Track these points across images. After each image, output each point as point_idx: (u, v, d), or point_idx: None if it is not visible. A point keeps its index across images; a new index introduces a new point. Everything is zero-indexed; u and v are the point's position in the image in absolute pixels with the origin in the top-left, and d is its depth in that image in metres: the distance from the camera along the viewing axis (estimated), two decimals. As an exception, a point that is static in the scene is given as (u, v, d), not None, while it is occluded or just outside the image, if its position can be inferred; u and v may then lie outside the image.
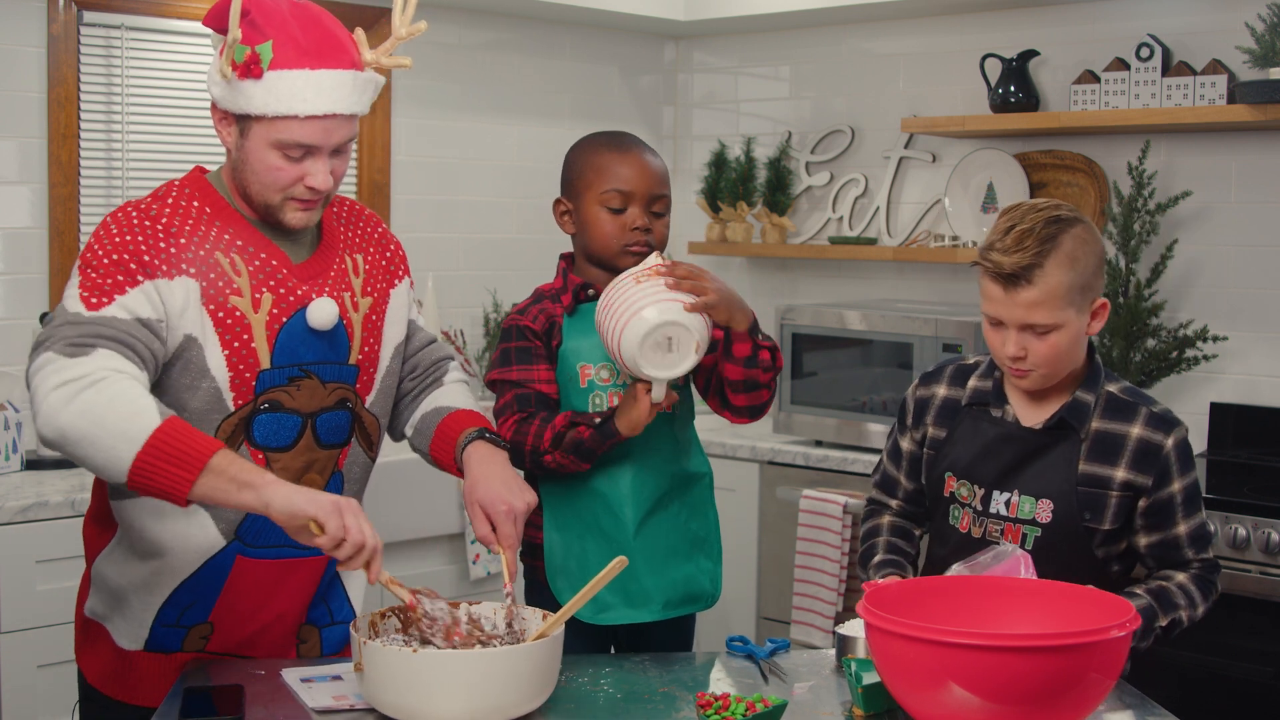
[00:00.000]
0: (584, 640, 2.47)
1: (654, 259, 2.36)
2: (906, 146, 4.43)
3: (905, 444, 2.39)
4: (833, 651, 2.22)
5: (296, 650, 2.26)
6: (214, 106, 2.09)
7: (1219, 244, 3.86)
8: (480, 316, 4.48)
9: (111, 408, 1.85)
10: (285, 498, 1.86)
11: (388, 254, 2.29)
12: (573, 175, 2.52)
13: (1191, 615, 2.21)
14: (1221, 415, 3.81)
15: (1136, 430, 2.21)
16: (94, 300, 1.94)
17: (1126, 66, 3.84)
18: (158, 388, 2.04)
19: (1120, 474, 2.20)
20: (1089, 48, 4.03)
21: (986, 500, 2.24)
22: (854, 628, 2.12)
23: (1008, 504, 2.22)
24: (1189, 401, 3.90)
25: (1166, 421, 2.23)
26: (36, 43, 3.59)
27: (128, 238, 2.00)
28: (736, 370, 2.44)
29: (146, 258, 2.00)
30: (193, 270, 2.02)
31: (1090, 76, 3.91)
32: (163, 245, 2.01)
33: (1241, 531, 3.22)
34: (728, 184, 4.65)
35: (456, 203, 4.47)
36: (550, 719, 1.93)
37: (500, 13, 4.49)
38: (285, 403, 2.10)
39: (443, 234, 4.43)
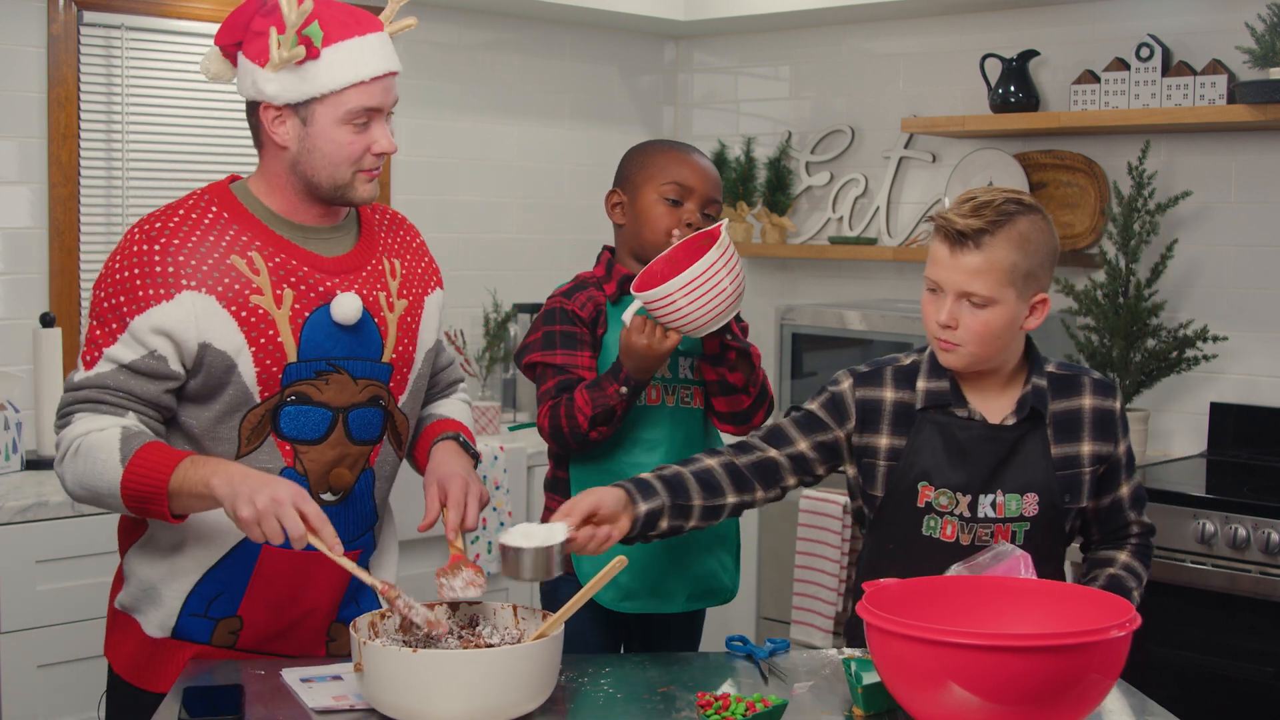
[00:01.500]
0: (600, 626, 2.50)
1: (726, 234, 2.38)
2: (906, 146, 4.43)
3: (837, 434, 2.26)
4: (833, 651, 2.22)
5: (327, 648, 2.29)
6: (264, 109, 2.12)
7: (1219, 244, 3.86)
8: (480, 316, 4.48)
9: (90, 470, 2.04)
10: (226, 499, 1.96)
11: (423, 263, 2.35)
12: (632, 169, 2.59)
13: (1142, 592, 2.25)
14: (1221, 415, 3.81)
15: (1088, 401, 2.23)
16: (88, 357, 2.10)
17: (1126, 66, 3.84)
18: (189, 391, 2.11)
19: (1087, 448, 2.22)
20: (1089, 48, 4.03)
21: (974, 506, 2.19)
22: (515, 536, 2.04)
23: (994, 505, 2.19)
24: (1189, 401, 3.90)
25: (1108, 385, 2.26)
26: (36, 43, 3.59)
27: (126, 274, 2.08)
28: (710, 371, 2.53)
29: (140, 293, 2.06)
30: (194, 283, 2.07)
31: (1090, 76, 3.91)
32: (159, 270, 2.06)
33: (1241, 531, 3.22)
34: (728, 184, 4.65)
35: (456, 203, 4.47)
36: (550, 719, 1.93)
37: (500, 13, 4.49)
38: (313, 396, 2.14)
39: (443, 234, 4.42)
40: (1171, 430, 3.95)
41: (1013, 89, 4.03)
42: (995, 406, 2.21)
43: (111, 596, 2.27)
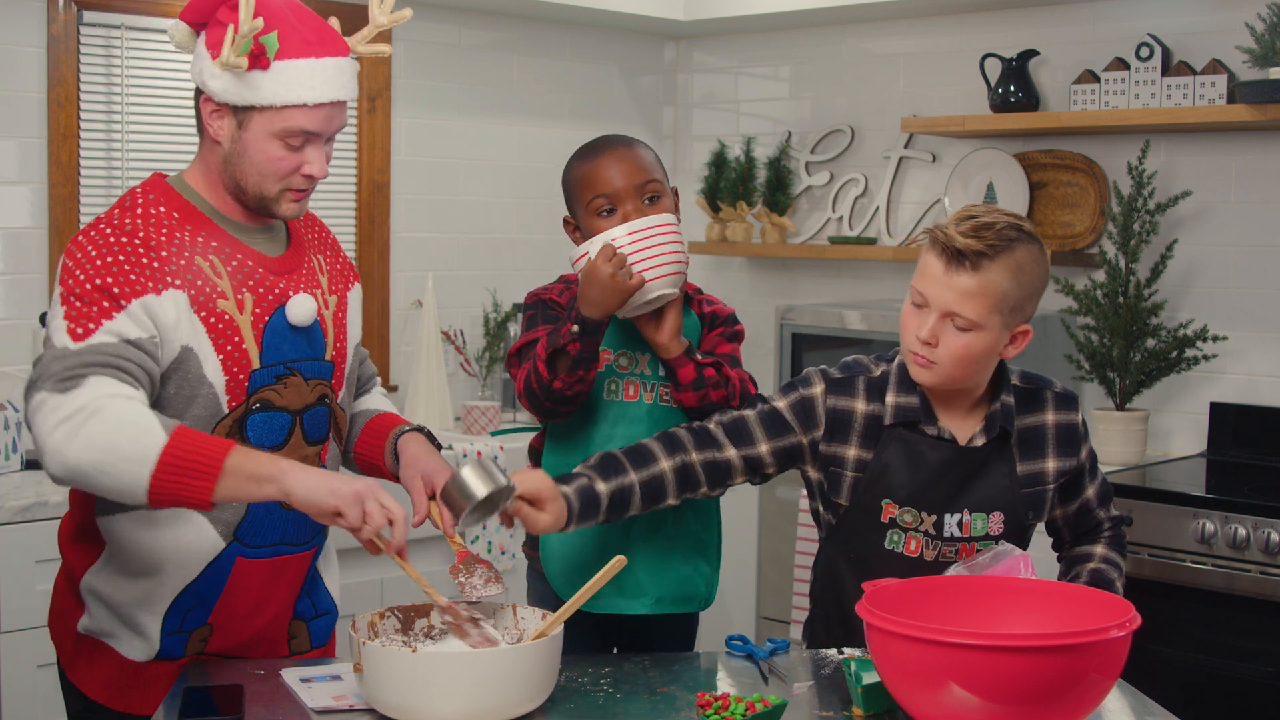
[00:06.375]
0: (583, 632, 2.47)
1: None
2: (906, 146, 4.43)
3: (800, 439, 2.22)
4: (833, 651, 2.21)
5: (288, 645, 2.27)
6: (206, 100, 2.09)
7: (1219, 244, 3.86)
8: (480, 316, 4.48)
9: (118, 433, 1.86)
10: (306, 489, 1.91)
11: (340, 259, 2.33)
12: (568, 194, 2.53)
13: (1124, 581, 2.27)
14: (1221, 415, 3.81)
15: (1051, 417, 2.22)
16: (79, 330, 1.93)
17: (1126, 66, 3.84)
18: (156, 401, 2.04)
19: (1051, 464, 2.22)
20: (1089, 48, 4.03)
21: (939, 525, 2.17)
22: (477, 473, 2.04)
23: (960, 525, 2.17)
24: (1189, 401, 3.90)
25: (1070, 398, 2.25)
26: (36, 43, 3.59)
27: (108, 259, 1.98)
28: (690, 396, 2.41)
29: (132, 276, 1.98)
30: (178, 281, 2.01)
31: (1090, 76, 3.91)
32: (145, 261, 2.00)
33: (1241, 531, 3.22)
34: (728, 184, 4.65)
35: (456, 203, 4.47)
36: (550, 719, 1.93)
37: (500, 13, 4.49)
38: (275, 401, 2.12)
39: (442, 234, 4.43)
40: (1171, 430, 3.95)
41: (1013, 89, 4.03)
42: (964, 425, 2.18)
43: (65, 618, 2.18)
